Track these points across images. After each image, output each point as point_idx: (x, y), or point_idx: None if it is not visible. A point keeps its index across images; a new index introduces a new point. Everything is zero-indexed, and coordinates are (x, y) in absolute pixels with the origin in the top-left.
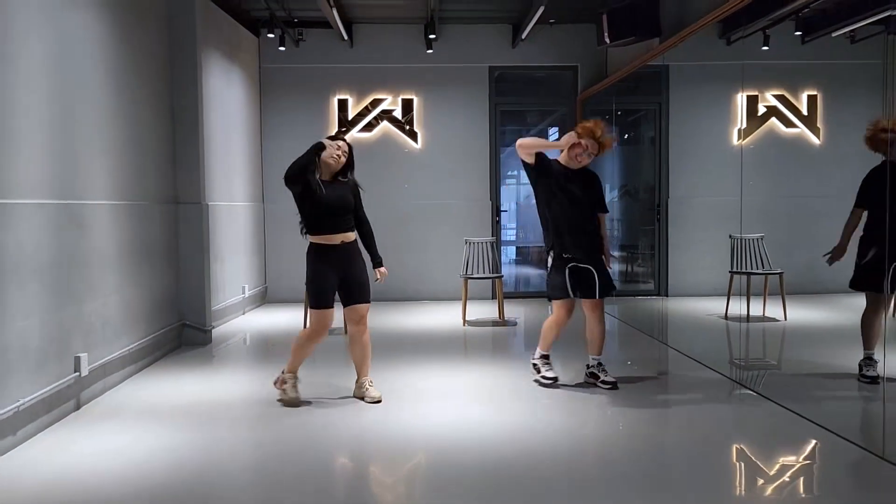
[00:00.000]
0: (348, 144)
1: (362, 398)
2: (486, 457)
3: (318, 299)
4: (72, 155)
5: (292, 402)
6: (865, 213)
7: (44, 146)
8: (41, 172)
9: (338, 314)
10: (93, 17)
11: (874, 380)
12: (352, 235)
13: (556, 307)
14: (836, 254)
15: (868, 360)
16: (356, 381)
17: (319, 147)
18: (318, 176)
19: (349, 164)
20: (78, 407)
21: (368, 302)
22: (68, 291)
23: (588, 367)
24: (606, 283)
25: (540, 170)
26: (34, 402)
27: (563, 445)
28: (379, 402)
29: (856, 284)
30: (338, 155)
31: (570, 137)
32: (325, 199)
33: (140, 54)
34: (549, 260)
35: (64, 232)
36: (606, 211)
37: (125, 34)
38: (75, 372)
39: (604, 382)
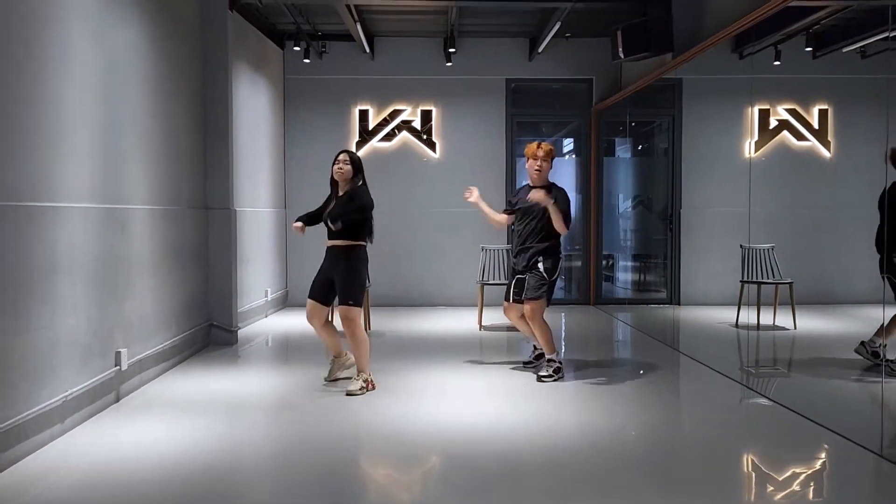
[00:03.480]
0: (348, 153)
1: (336, 379)
2: (503, 449)
3: (309, 290)
4: (116, 162)
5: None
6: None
7: (92, 154)
8: (90, 178)
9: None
10: (136, 34)
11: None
12: (339, 242)
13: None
14: None
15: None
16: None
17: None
18: (333, 201)
19: (358, 170)
20: (118, 399)
21: (348, 304)
22: (111, 290)
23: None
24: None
25: (512, 211)
26: (80, 394)
27: (575, 441)
28: (353, 395)
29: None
30: (339, 168)
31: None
32: (328, 214)
33: (176, 68)
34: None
35: (108, 234)
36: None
37: (164, 50)
38: (116, 366)
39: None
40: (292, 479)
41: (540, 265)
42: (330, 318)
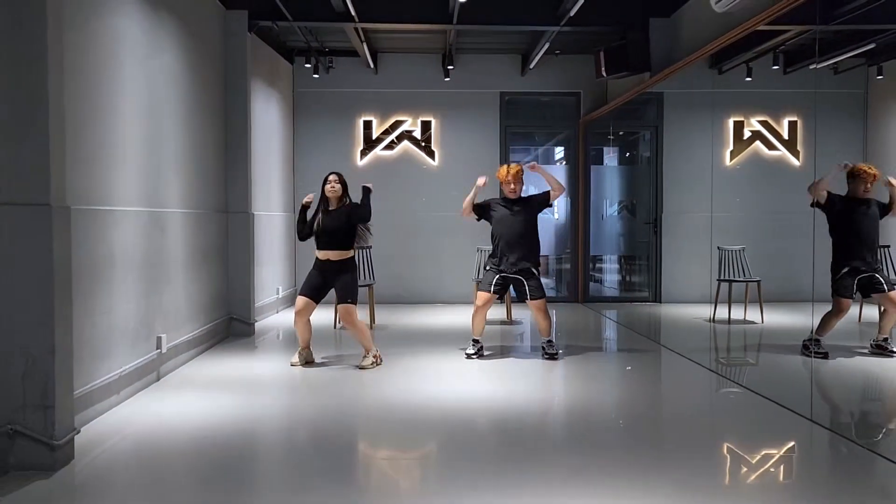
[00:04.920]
0: (337, 174)
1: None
2: (497, 422)
3: (301, 287)
4: (158, 170)
5: (294, 364)
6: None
7: (139, 163)
8: (137, 185)
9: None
10: (171, 58)
11: (825, 356)
12: (336, 254)
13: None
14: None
15: (817, 342)
16: None
17: (305, 206)
18: (319, 214)
19: (345, 189)
20: (158, 378)
21: (348, 302)
22: (153, 283)
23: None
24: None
25: (481, 214)
26: (130, 371)
27: (561, 415)
28: (362, 369)
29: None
30: (332, 187)
31: (479, 182)
32: (321, 226)
33: (202, 87)
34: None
35: (151, 234)
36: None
37: (193, 71)
38: (157, 349)
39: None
40: (305, 445)
41: (535, 270)
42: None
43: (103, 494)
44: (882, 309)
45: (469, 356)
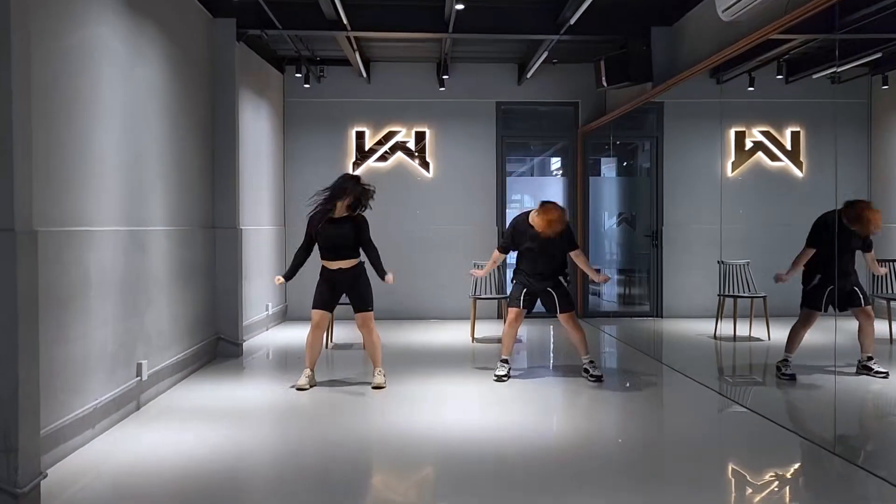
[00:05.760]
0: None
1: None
2: (496, 450)
3: (314, 302)
4: (138, 186)
5: (302, 388)
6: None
7: (118, 180)
8: (116, 203)
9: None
10: (154, 71)
11: (792, 377)
12: (348, 263)
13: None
14: (783, 278)
15: (786, 362)
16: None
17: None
18: (320, 224)
19: (356, 198)
20: (138, 407)
21: (367, 310)
22: (133, 305)
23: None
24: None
25: (512, 248)
26: (108, 402)
27: (562, 443)
28: (381, 387)
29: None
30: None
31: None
32: (325, 236)
33: (188, 98)
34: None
35: (131, 254)
36: (577, 247)
37: (177, 82)
38: (137, 376)
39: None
40: (296, 479)
41: (564, 280)
42: None
43: None
44: (859, 325)
45: (500, 378)
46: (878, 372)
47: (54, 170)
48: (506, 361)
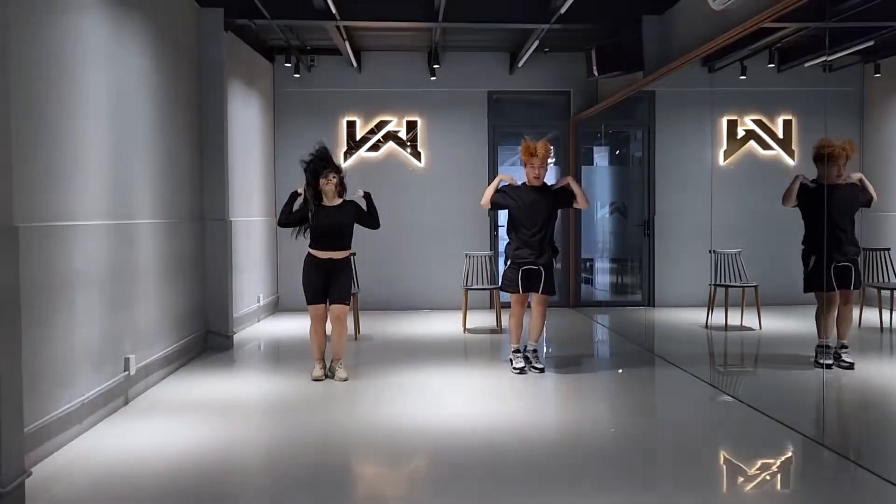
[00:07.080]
0: (336, 173)
1: (332, 376)
2: (488, 444)
3: (308, 297)
4: (125, 180)
5: (318, 379)
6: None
7: (104, 173)
8: (102, 196)
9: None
10: (140, 61)
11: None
12: (340, 254)
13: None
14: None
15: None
16: (331, 361)
17: (295, 195)
18: (310, 209)
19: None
20: (126, 402)
21: (346, 304)
22: (120, 300)
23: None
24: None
25: (498, 204)
26: (95, 397)
27: (554, 434)
28: (345, 380)
29: (807, 288)
30: (327, 182)
31: (498, 178)
32: (319, 224)
33: (175, 88)
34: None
35: (118, 248)
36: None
37: (165, 73)
38: (125, 371)
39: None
40: (289, 471)
41: (555, 262)
42: None
43: None
44: (838, 310)
45: (519, 370)
46: (844, 362)
47: (36, 164)
48: (518, 351)
